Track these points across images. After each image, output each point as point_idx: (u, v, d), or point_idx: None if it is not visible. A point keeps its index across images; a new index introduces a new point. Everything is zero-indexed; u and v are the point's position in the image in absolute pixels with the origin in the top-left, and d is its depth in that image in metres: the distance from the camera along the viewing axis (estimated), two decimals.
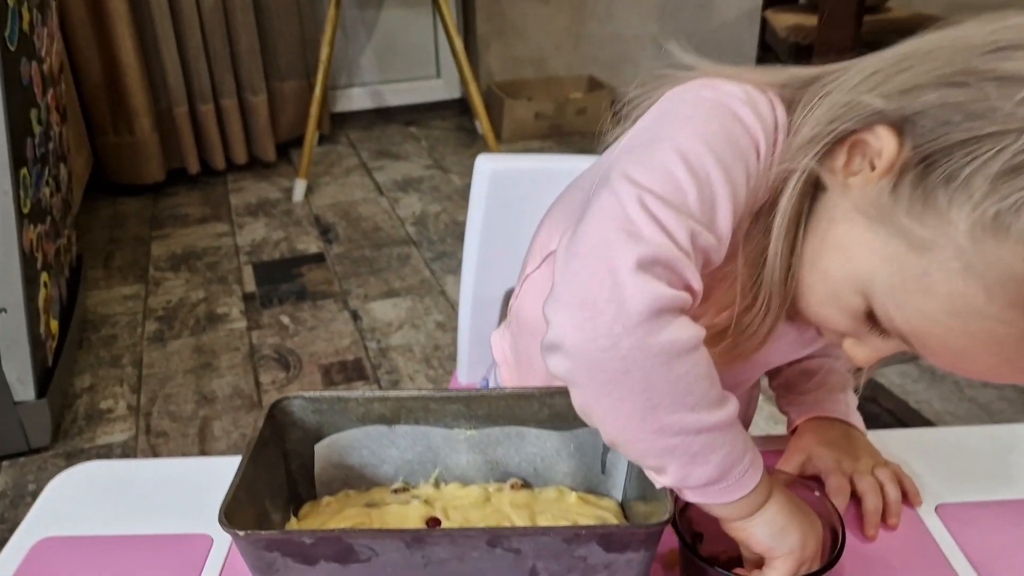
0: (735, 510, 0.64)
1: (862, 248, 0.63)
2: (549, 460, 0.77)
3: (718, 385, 0.61)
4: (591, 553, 0.62)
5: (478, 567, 0.63)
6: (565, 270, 0.60)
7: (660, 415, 0.58)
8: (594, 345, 0.57)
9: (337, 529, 0.60)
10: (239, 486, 0.65)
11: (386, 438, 0.76)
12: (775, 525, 0.64)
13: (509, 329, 0.97)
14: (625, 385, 0.58)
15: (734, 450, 0.61)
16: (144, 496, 0.87)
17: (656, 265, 0.58)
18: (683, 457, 0.60)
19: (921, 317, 0.60)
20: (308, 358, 2.43)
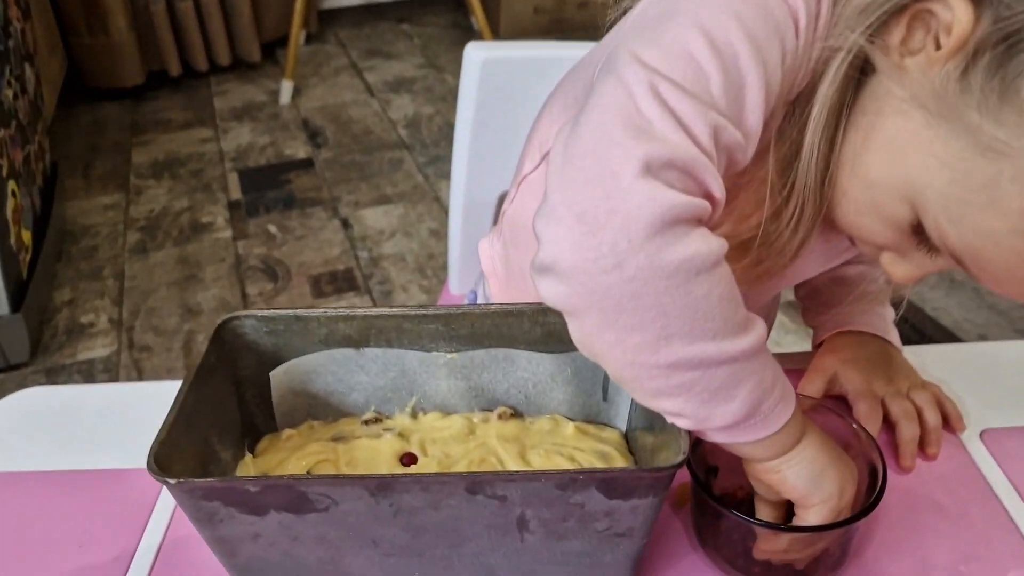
0: (764, 450, 0.54)
1: (916, 148, 0.51)
2: (542, 386, 0.66)
3: (742, 307, 0.50)
4: (589, 500, 0.52)
5: (456, 515, 0.53)
6: (560, 175, 0.49)
7: (676, 346, 0.48)
8: (595, 266, 0.46)
9: (287, 476, 0.50)
10: (175, 424, 0.55)
11: (353, 362, 0.66)
12: (811, 467, 0.55)
13: (500, 237, 0.86)
14: (633, 312, 0.47)
15: (763, 381, 0.51)
16: (91, 426, 0.78)
17: (670, 168, 0.47)
18: (703, 394, 0.50)
19: (981, 235, 0.49)
20: (296, 268, 2.33)
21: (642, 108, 0.48)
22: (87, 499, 0.70)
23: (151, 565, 0.65)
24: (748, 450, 0.54)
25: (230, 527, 0.54)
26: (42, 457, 0.74)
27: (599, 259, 0.46)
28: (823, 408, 0.66)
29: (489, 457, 0.62)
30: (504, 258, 0.85)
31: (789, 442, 0.54)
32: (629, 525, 0.54)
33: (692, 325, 0.47)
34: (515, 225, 0.81)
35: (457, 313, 0.64)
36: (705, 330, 0.48)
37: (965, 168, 0.49)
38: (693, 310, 0.47)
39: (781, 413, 0.52)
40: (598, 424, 0.67)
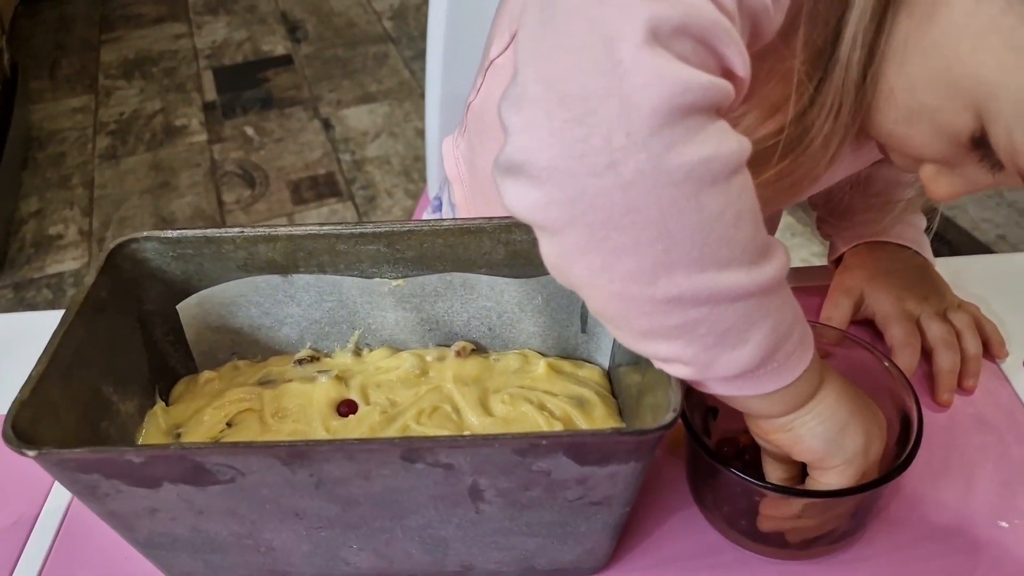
0: (775, 404, 0.43)
1: (990, 39, 0.39)
2: (508, 316, 0.55)
3: (763, 228, 0.38)
4: (557, 467, 0.42)
5: (393, 486, 0.43)
6: (536, 43, 0.36)
7: (679, 276, 0.36)
8: (581, 165, 0.34)
9: (175, 445, 0.40)
10: (46, 375, 0.44)
11: (281, 291, 0.55)
12: (831, 423, 0.44)
13: (465, 135, 0.73)
14: (628, 230, 0.35)
15: (781, 322, 0.39)
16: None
17: (683, 35, 0.34)
18: (708, 337, 0.38)
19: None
20: (275, 173, 2.20)
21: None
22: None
23: (55, 532, 0.55)
24: (755, 405, 0.43)
25: (119, 501, 0.44)
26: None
27: (586, 156, 0.34)
28: (849, 341, 0.55)
29: (443, 405, 0.52)
30: (469, 160, 0.73)
31: (805, 394, 0.43)
32: (607, 493, 0.44)
33: (702, 249, 0.36)
34: (481, 119, 0.69)
35: (402, 231, 0.52)
36: (718, 257, 0.36)
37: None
38: (704, 230, 0.35)
39: (798, 361, 0.41)
40: (575, 360, 0.56)
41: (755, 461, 0.52)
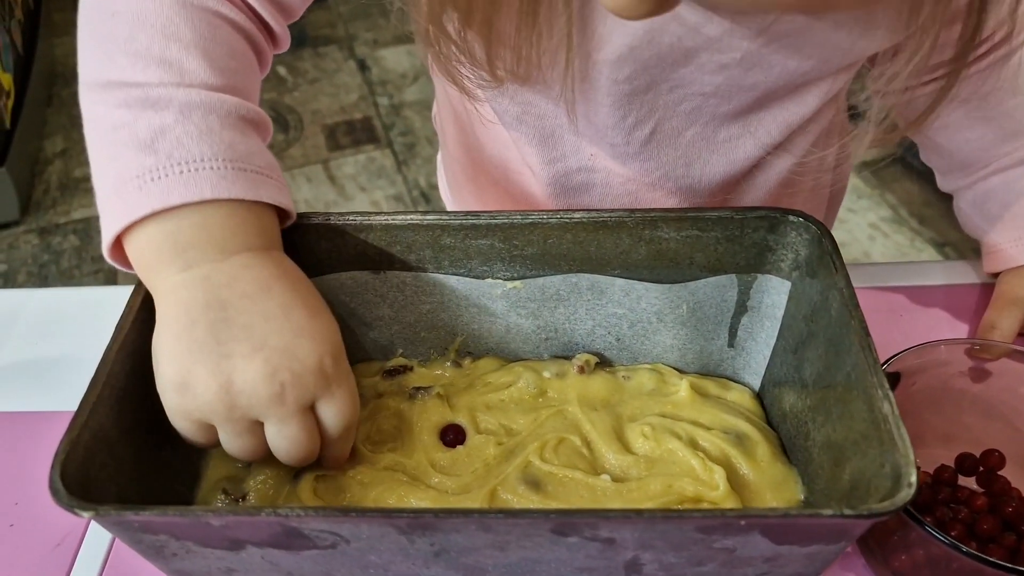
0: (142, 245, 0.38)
1: None
2: (643, 327, 0.46)
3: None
4: (745, 545, 0.33)
5: (534, 558, 0.34)
6: None
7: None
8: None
9: (268, 510, 0.31)
10: (99, 403, 0.36)
11: (371, 290, 0.46)
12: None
13: None
14: None
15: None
16: (26, 349, 0.59)
17: None
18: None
19: None
20: (310, 117, 2.09)
21: None
22: (19, 455, 0.52)
23: (106, 554, 0.47)
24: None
25: (190, 561, 0.36)
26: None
27: None
28: (1021, 355, 0.46)
29: (570, 436, 0.43)
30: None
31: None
32: (796, 571, 0.35)
33: None
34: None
35: (523, 223, 0.43)
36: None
37: None
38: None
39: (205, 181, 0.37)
40: (719, 379, 0.47)
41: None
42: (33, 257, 1.76)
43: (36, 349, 0.59)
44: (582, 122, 0.51)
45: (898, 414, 0.34)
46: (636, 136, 0.51)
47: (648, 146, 0.51)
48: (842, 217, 1.71)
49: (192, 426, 0.38)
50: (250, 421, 0.38)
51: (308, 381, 0.37)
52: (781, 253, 0.43)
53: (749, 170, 0.55)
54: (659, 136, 0.51)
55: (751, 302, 0.45)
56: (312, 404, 0.38)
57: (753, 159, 0.53)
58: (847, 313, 0.38)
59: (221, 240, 0.38)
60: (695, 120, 0.50)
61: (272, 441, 0.38)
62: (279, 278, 0.39)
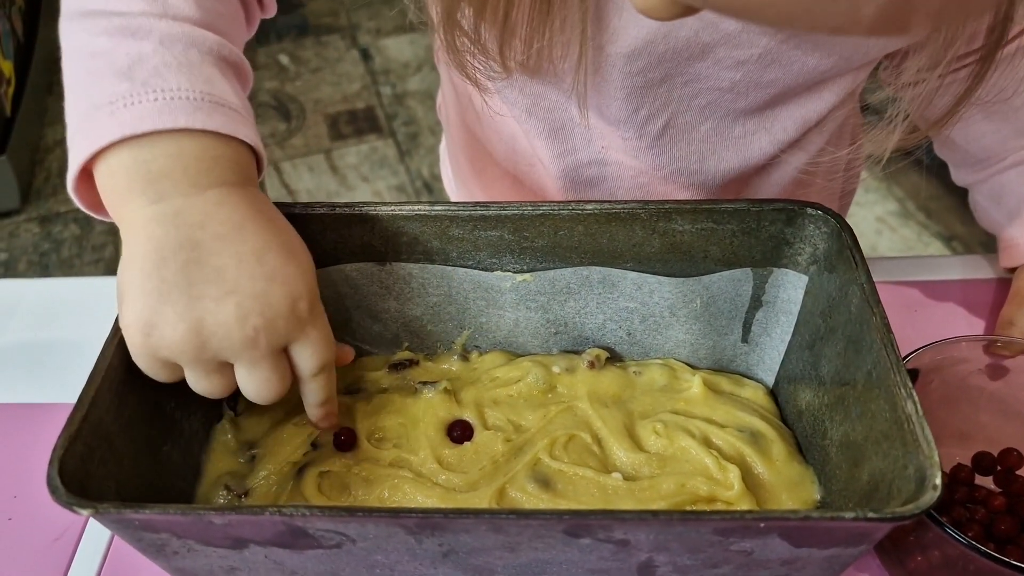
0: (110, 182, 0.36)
1: None
2: (655, 321, 0.45)
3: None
4: (763, 547, 0.32)
5: (544, 558, 0.33)
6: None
7: None
8: None
9: (272, 508, 0.30)
10: (98, 399, 0.35)
11: (377, 282, 0.45)
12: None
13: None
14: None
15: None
16: (29, 340, 0.58)
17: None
18: None
19: None
20: (312, 106, 2.07)
21: None
22: (18, 447, 0.51)
23: (106, 548, 0.46)
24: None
25: (192, 559, 0.35)
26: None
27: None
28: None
29: (580, 433, 0.42)
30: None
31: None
32: (815, 574, 0.34)
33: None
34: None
35: (533, 215, 0.42)
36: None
37: None
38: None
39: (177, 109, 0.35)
40: (731, 374, 0.46)
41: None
42: (34, 246, 1.75)
43: (35, 340, 0.58)
44: (593, 115, 0.50)
45: (922, 414, 0.33)
46: (649, 129, 0.50)
47: (661, 140, 0.50)
48: (849, 211, 1.70)
49: (156, 364, 0.37)
50: (219, 362, 0.37)
51: (280, 325, 0.36)
52: (799, 247, 0.42)
53: (762, 167, 0.53)
54: (672, 130, 0.50)
55: (766, 296, 0.44)
56: (285, 347, 0.37)
57: (768, 155, 0.51)
58: (868, 310, 0.37)
59: (195, 173, 0.36)
60: (710, 115, 0.49)
61: (242, 382, 0.37)
62: (253, 218, 0.37)
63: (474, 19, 0.42)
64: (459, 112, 0.61)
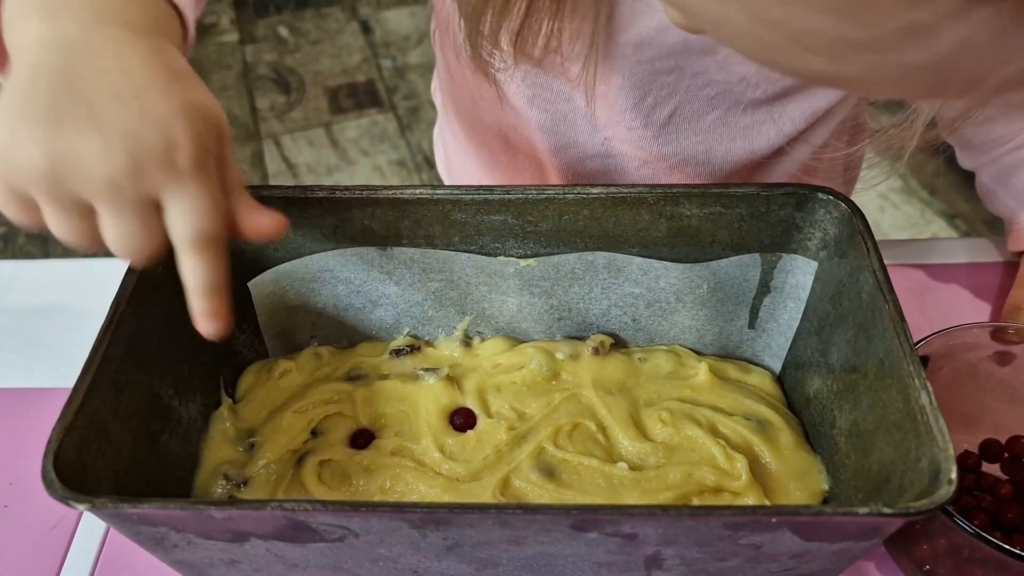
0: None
1: None
2: (661, 306, 0.44)
3: None
4: (773, 541, 0.31)
5: (549, 551, 0.33)
6: None
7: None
8: None
9: (273, 503, 0.30)
10: (94, 388, 0.34)
11: (377, 266, 0.44)
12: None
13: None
14: None
15: None
16: (18, 323, 0.57)
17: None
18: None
19: None
20: (312, 78, 2.05)
21: None
22: (13, 434, 0.51)
23: (103, 537, 0.46)
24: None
25: (192, 552, 0.34)
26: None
27: None
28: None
29: (584, 421, 0.41)
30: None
31: None
32: (824, 567, 0.34)
33: None
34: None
35: (538, 199, 0.41)
36: None
37: None
38: None
39: None
40: (738, 361, 0.46)
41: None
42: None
43: (32, 323, 0.57)
44: (599, 104, 0.49)
45: (936, 405, 0.32)
46: (655, 118, 0.49)
47: (667, 128, 0.49)
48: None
49: (10, 198, 0.33)
50: (79, 203, 0.32)
51: (149, 170, 0.32)
52: (808, 232, 0.41)
53: (767, 160, 0.52)
54: (678, 119, 0.49)
55: (774, 282, 0.43)
56: (156, 200, 0.33)
57: (773, 147, 0.50)
58: (880, 297, 0.36)
59: (101, 8, 0.33)
60: (718, 104, 0.48)
61: (105, 231, 0.33)
62: (147, 60, 0.33)
63: (495, 19, 0.41)
64: (454, 98, 0.60)
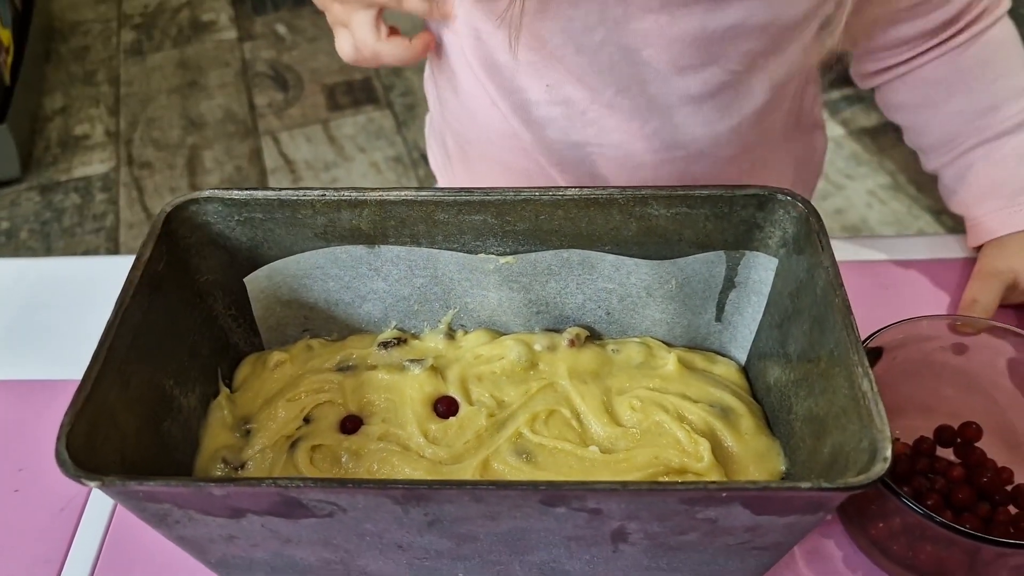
0: None
1: None
2: (633, 301, 0.47)
3: None
4: (728, 515, 0.34)
5: (523, 527, 0.36)
6: None
7: None
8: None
9: (268, 481, 0.32)
10: (102, 376, 0.37)
11: (365, 264, 0.47)
12: None
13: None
14: None
15: None
16: (29, 318, 0.60)
17: None
18: None
19: None
20: (309, 76, 2.08)
21: None
22: (23, 423, 0.54)
23: (108, 518, 0.49)
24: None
25: (193, 528, 0.37)
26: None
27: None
28: (1000, 331, 0.47)
29: (559, 408, 0.44)
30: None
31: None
32: (776, 540, 0.37)
33: None
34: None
35: (516, 200, 0.44)
36: None
37: None
38: None
39: None
40: (706, 352, 0.48)
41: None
42: (35, 215, 1.77)
43: (38, 318, 0.60)
44: (571, 85, 0.52)
45: (877, 391, 0.35)
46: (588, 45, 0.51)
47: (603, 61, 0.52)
48: (839, 183, 1.71)
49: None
50: None
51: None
52: (769, 230, 0.44)
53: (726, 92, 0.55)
54: (616, 54, 0.52)
55: (738, 278, 0.46)
56: None
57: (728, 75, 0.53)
58: (832, 291, 0.39)
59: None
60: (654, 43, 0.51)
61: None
62: None
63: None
64: (439, 90, 0.63)
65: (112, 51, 2.20)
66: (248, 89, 2.06)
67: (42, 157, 1.92)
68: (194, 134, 1.96)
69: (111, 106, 2.04)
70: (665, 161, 0.56)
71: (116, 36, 2.25)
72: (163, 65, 2.15)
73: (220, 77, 2.10)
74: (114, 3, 2.36)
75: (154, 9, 2.34)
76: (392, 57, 0.54)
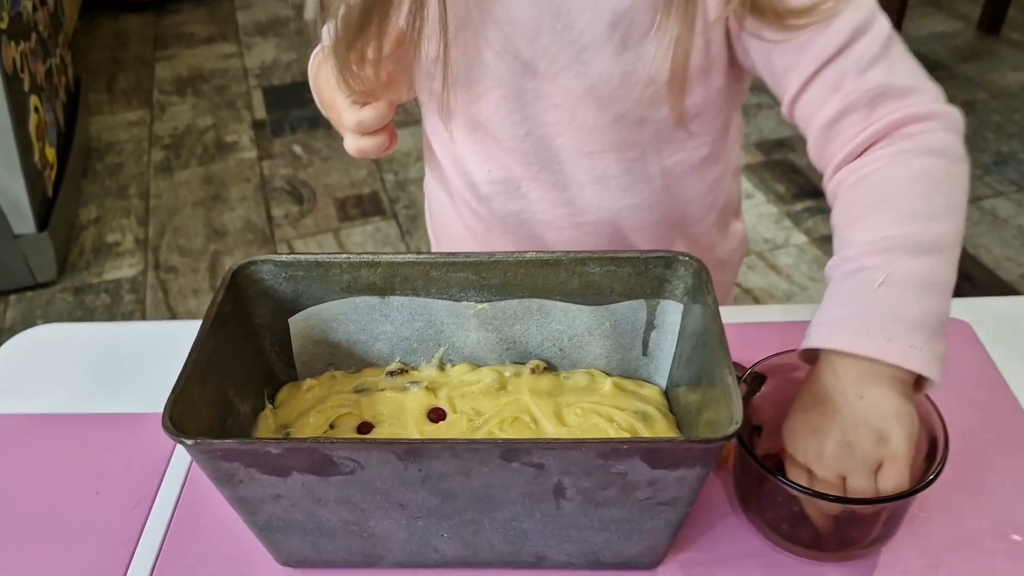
0: None
1: None
2: (578, 340, 0.62)
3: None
4: (633, 469, 0.49)
5: (489, 482, 0.50)
6: None
7: None
8: None
9: (311, 439, 0.47)
10: (190, 377, 0.52)
11: (377, 311, 0.62)
12: None
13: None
14: None
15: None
16: (105, 367, 0.75)
17: None
18: None
19: None
20: (322, 190, 2.29)
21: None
22: (104, 444, 0.68)
23: (171, 514, 0.63)
24: None
25: (250, 488, 0.51)
26: (56, 399, 0.72)
27: None
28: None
29: (522, 415, 0.59)
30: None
31: None
32: (673, 495, 0.51)
33: None
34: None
35: (489, 261, 0.60)
36: None
37: None
38: None
39: None
40: (637, 380, 0.63)
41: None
42: (68, 313, 1.93)
43: (114, 367, 0.75)
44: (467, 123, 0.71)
45: (736, 382, 0.49)
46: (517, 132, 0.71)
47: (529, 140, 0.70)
48: (803, 284, 1.88)
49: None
50: None
51: None
52: (675, 283, 0.59)
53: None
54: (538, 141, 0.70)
55: (657, 320, 0.61)
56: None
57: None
58: (713, 320, 0.54)
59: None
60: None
61: None
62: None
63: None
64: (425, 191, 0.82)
65: (143, 168, 2.42)
66: (266, 202, 2.26)
67: (76, 262, 2.10)
68: (216, 242, 2.14)
69: (141, 217, 2.24)
70: (581, 224, 0.75)
71: (147, 155, 2.47)
72: (189, 180, 2.37)
73: (241, 191, 2.31)
74: (146, 126, 2.59)
75: (182, 131, 2.57)
76: (374, 149, 0.75)
